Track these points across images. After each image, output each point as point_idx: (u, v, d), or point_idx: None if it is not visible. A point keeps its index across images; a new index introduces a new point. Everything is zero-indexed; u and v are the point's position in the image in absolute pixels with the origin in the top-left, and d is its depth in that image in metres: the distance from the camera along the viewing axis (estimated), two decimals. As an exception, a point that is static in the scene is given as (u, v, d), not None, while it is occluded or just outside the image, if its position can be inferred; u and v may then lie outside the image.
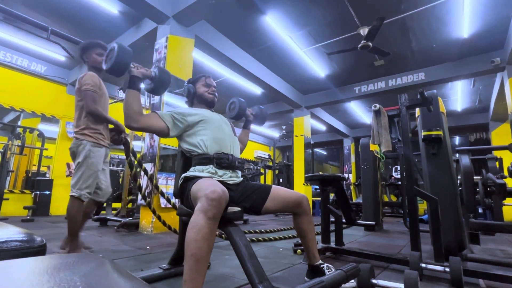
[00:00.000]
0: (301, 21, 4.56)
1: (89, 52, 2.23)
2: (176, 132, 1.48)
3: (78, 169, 2.08)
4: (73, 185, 2.05)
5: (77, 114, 2.16)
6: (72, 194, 2.04)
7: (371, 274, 1.37)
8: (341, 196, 2.25)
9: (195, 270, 1.02)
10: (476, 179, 3.01)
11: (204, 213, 1.06)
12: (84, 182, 2.06)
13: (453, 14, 4.29)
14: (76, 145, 2.10)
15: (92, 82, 2.12)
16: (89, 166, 2.08)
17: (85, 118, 2.12)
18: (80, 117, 2.14)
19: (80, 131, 2.11)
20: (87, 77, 2.13)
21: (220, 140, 1.50)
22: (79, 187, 2.04)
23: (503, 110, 6.37)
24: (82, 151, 2.07)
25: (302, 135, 7.63)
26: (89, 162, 2.08)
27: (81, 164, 2.07)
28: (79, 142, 2.10)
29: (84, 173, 2.06)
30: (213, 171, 1.42)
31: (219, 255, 2.24)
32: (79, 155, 2.08)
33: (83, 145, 2.08)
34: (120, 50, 1.29)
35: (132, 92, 1.35)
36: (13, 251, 0.49)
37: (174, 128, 1.47)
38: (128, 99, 1.34)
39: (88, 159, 2.08)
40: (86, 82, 2.11)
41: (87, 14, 4.45)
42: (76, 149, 2.10)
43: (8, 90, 5.53)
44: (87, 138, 2.10)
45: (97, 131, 2.15)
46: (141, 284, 0.34)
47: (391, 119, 2.34)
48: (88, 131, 2.11)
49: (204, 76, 1.72)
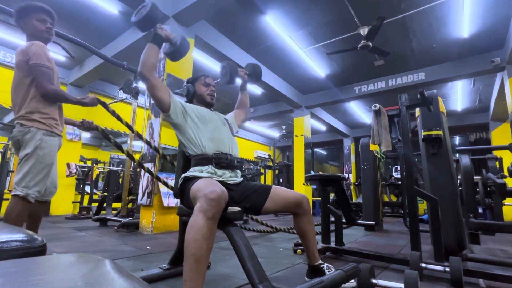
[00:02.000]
0: (301, 21, 4.56)
1: (28, 17, 1.79)
2: (173, 116, 1.49)
3: (25, 162, 1.70)
4: (18, 182, 1.67)
5: (22, 94, 1.75)
6: (15, 193, 1.65)
7: (371, 274, 1.37)
8: (341, 196, 2.25)
9: (195, 269, 1.03)
10: (476, 179, 3.01)
11: (203, 213, 1.06)
12: (32, 178, 1.68)
13: (453, 14, 4.29)
14: (22, 133, 1.71)
15: (44, 55, 1.74)
16: (40, 159, 1.71)
17: (34, 99, 1.74)
18: (25, 98, 1.74)
19: (26, 115, 1.72)
20: (37, 48, 1.72)
21: (218, 140, 1.51)
22: (26, 185, 1.66)
23: (503, 110, 6.37)
24: (30, 140, 1.70)
25: (302, 135, 7.63)
26: (40, 154, 1.71)
27: (30, 156, 1.69)
28: (25, 129, 1.71)
29: (33, 167, 1.69)
30: (212, 171, 1.42)
31: (219, 255, 2.24)
32: (26, 145, 1.71)
33: (31, 133, 1.71)
34: (153, 7, 1.37)
35: (153, 46, 1.42)
36: (14, 251, 0.49)
37: (174, 111, 1.49)
38: (148, 51, 1.40)
39: (39, 150, 1.71)
40: (37, 54, 1.71)
41: (87, 14, 4.45)
42: (21, 137, 1.71)
43: (8, 90, 5.51)
44: (36, 124, 1.73)
45: (49, 116, 1.78)
46: (141, 284, 0.34)
47: (391, 119, 2.34)
48: (38, 116, 1.73)
49: (204, 76, 1.72)
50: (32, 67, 1.71)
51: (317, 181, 2.20)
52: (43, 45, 1.78)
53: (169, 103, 1.47)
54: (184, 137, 1.52)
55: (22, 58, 1.73)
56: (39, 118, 1.74)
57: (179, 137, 1.54)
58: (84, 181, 5.93)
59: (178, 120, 1.50)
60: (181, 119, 1.51)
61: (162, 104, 1.46)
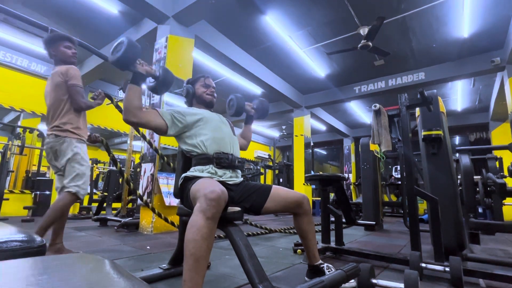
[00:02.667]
0: (301, 21, 4.56)
1: (56, 45, 2.10)
2: (174, 131, 1.46)
3: (70, 166, 2.00)
4: (69, 182, 1.97)
5: (61, 109, 2.03)
6: (68, 190, 1.94)
7: (371, 274, 1.37)
8: (341, 196, 2.25)
9: (195, 269, 1.02)
10: (476, 179, 3.01)
11: (203, 213, 1.06)
12: (81, 178, 2.00)
13: (453, 13, 4.29)
14: (59, 142, 2.00)
15: (79, 77, 2.08)
16: (82, 161, 2.03)
17: (70, 114, 2.05)
18: (62, 113, 2.03)
19: (60, 127, 2.01)
20: (73, 72, 2.05)
21: (219, 140, 1.50)
22: (77, 184, 1.97)
23: (503, 110, 6.37)
24: (68, 148, 2.00)
25: (302, 135, 7.63)
26: (79, 158, 2.03)
27: (72, 160, 2.00)
28: (61, 139, 2.00)
29: (78, 169, 2.01)
30: (213, 171, 1.42)
31: (219, 255, 2.24)
32: (65, 152, 2.00)
33: (67, 142, 2.00)
34: (129, 45, 1.29)
35: (134, 87, 1.34)
36: (13, 251, 0.49)
37: (172, 126, 1.45)
38: (129, 94, 1.33)
39: (77, 155, 2.02)
40: (75, 77, 2.04)
41: (87, 14, 4.45)
42: (59, 147, 2.00)
43: (8, 90, 5.53)
44: (70, 135, 2.03)
45: (78, 127, 2.10)
46: (141, 284, 0.34)
47: (391, 119, 2.34)
48: (70, 127, 2.04)
49: (203, 77, 1.72)
50: (70, 87, 2.03)
51: (317, 181, 2.20)
52: (77, 69, 2.11)
53: (164, 124, 1.43)
54: (186, 142, 1.50)
55: (62, 79, 2.03)
56: (71, 128, 2.04)
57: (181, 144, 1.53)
58: (84, 181, 5.92)
59: (179, 130, 1.47)
60: (181, 126, 1.47)
61: (160, 130, 1.43)
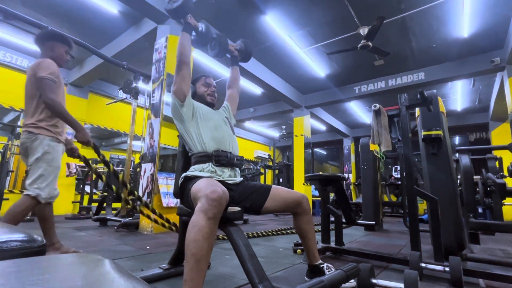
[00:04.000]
0: (301, 21, 4.56)
1: (59, 45, 2.02)
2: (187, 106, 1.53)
3: (36, 165, 1.85)
4: (30, 183, 1.82)
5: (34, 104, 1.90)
6: (27, 193, 1.80)
7: (371, 274, 1.37)
8: (341, 196, 2.25)
9: (196, 270, 1.03)
10: (476, 178, 3.02)
11: (204, 213, 1.06)
12: (44, 180, 1.84)
13: (453, 13, 4.29)
14: (31, 139, 1.87)
15: (51, 69, 1.89)
16: (50, 162, 1.89)
17: (42, 109, 1.91)
18: (36, 109, 1.91)
19: (35, 123, 1.88)
20: (45, 64, 1.89)
21: (219, 138, 1.51)
22: (38, 186, 1.82)
23: (503, 110, 6.37)
24: (39, 146, 1.86)
25: (302, 135, 7.63)
26: (49, 158, 1.88)
27: (40, 159, 1.85)
28: (33, 136, 1.87)
29: (44, 170, 1.85)
30: (212, 170, 1.42)
31: (219, 255, 2.24)
32: (35, 150, 1.86)
33: (39, 139, 1.87)
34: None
35: (186, 35, 1.57)
36: (13, 251, 0.49)
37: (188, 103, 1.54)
38: (183, 40, 1.55)
39: (48, 154, 1.88)
40: (44, 68, 1.87)
41: (86, 14, 4.44)
42: (30, 144, 1.87)
43: (8, 90, 5.52)
44: (43, 132, 1.89)
45: (55, 125, 1.95)
46: (141, 284, 0.34)
47: (391, 119, 2.34)
48: (45, 124, 1.90)
49: (204, 76, 1.74)
50: (38, 80, 1.86)
51: (317, 181, 2.20)
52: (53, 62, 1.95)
53: (186, 96, 1.53)
54: (188, 133, 1.52)
55: (32, 72, 1.89)
56: (46, 125, 1.91)
57: (182, 133, 1.54)
58: (84, 181, 5.92)
59: (188, 113, 1.52)
60: (190, 114, 1.53)
61: (181, 94, 1.51)
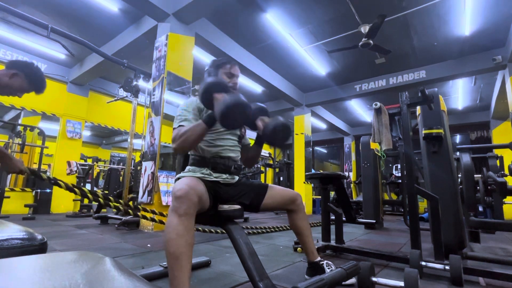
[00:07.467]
0: (301, 19, 4.55)
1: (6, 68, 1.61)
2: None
3: None
4: None
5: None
6: None
7: (371, 272, 1.37)
8: (341, 194, 2.25)
9: (176, 268, 1.03)
10: (477, 177, 3.01)
11: (174, 211, 1.08)
12: None
13: (454, 11, 4.27)
14: None
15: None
16: None
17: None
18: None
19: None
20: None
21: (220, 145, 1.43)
22: None
23: (504, 108, 6.35)
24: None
25: (302, 133, 7.63)
26: None
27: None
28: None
29: None
30: (207, 173, 1.36)
31: (219, 252, 2.25)
32: None
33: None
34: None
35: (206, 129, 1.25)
36: (14, 249, 0.50)
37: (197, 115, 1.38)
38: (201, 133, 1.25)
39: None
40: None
41: (87, 11, 4.43)
42: None
43: (9, 88, 5.52)
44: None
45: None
46: (142, 282, 0.34)
47: (392, 117, 2.34)
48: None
49: (229, 63, 1.46)
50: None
51: (317, 179, 2.20)
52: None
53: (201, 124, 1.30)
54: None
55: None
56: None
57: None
58: (84, 179, 5.94)
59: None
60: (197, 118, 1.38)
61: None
